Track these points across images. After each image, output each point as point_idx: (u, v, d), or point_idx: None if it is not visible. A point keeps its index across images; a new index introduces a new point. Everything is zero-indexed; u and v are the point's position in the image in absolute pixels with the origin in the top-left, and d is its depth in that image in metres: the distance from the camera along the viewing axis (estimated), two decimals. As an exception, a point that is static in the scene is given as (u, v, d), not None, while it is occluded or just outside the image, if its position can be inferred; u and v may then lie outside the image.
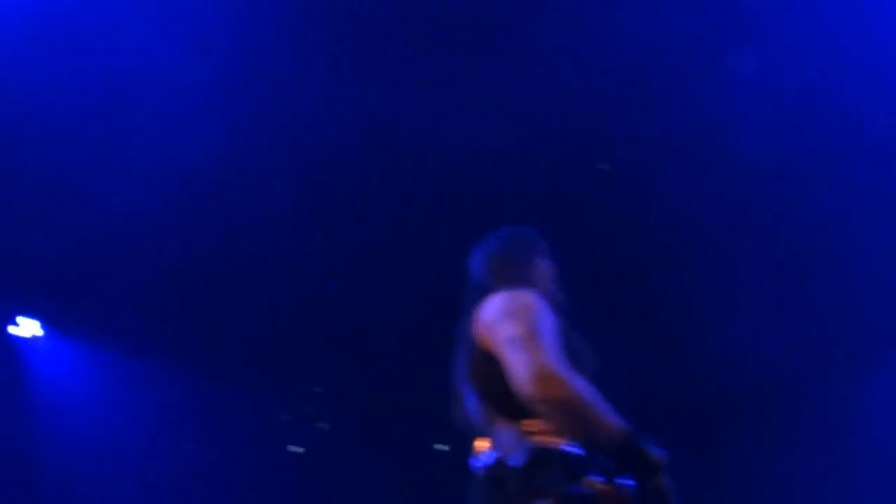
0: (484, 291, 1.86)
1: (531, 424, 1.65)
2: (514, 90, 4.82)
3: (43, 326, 6.57)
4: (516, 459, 1.65)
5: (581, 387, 1.53)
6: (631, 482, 1.54)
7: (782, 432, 6.60)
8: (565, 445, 1.63)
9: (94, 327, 6.41)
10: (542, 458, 1.63)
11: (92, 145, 4.95)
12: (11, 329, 6.56)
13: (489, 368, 1.70)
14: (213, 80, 4.61)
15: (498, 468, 1.67)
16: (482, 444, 1.77)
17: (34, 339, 6.59)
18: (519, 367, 1.56)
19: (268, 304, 6.13)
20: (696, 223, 5.38)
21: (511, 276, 1.92)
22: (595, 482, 1.57)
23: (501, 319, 1.68)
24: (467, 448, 1.81)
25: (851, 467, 6.13)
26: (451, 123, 4.81)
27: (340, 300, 6.20)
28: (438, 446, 6.94)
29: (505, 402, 1.67)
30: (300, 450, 7.09)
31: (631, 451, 1.53)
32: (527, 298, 1.72)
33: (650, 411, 3.55)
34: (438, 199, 5.46)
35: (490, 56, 4.68)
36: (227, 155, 5.05)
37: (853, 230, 5.34)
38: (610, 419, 1.53)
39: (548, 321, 1.68)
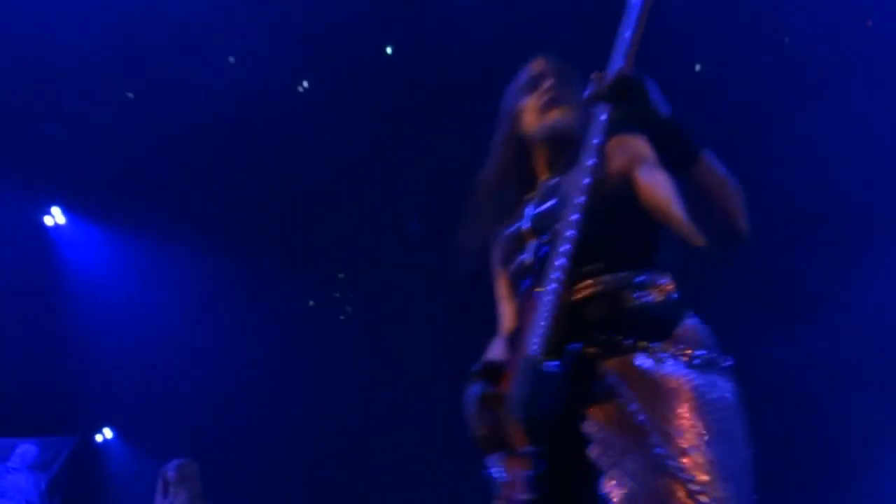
0: None
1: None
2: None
3: (68, 214, 6.73)
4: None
5: None
6: None
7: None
8: None
9: (127, 215, 6.57)
10: None
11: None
12: (46, 220, 6.76)
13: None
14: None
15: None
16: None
17: (62, 227, 6.77)
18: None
19: (299, 189, 6.27)
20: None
21: None
22: None
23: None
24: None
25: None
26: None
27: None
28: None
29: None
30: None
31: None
32: None
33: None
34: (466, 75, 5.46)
35: None
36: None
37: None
38: None
39: None
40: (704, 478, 1.50)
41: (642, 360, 1.63)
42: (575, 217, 1.62)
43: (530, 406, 1.65)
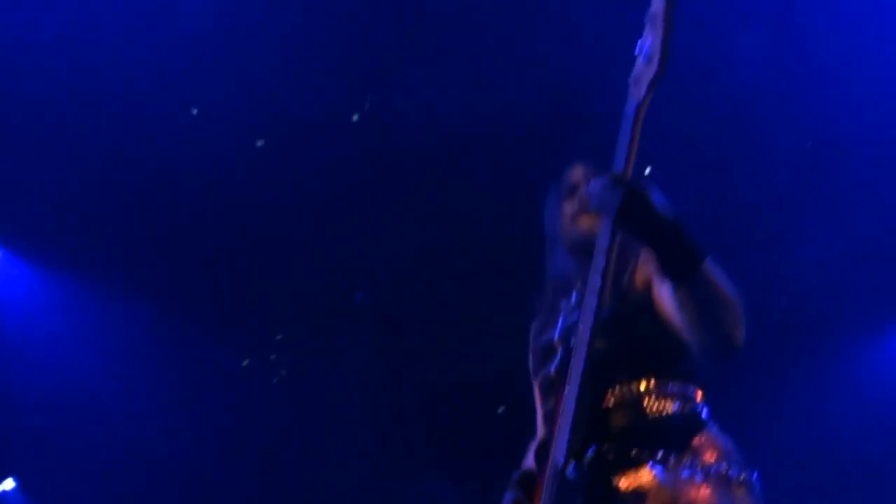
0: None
1: None
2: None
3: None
4: None
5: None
6: None
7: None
8: None
9: (60, 255, 6.30)
10: None
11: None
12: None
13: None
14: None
15: None
16: None
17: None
18: None
19: (244, 245, 6.12)
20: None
21: None
22: None
23: None
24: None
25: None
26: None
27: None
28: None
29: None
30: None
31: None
32: None
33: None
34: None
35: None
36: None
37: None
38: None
39: None
40: None
41: (659, 473, 1.64)
42: (586, 330, 1.65)
43: None
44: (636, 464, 1.66)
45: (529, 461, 2.03)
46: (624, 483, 1.64)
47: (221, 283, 6.36)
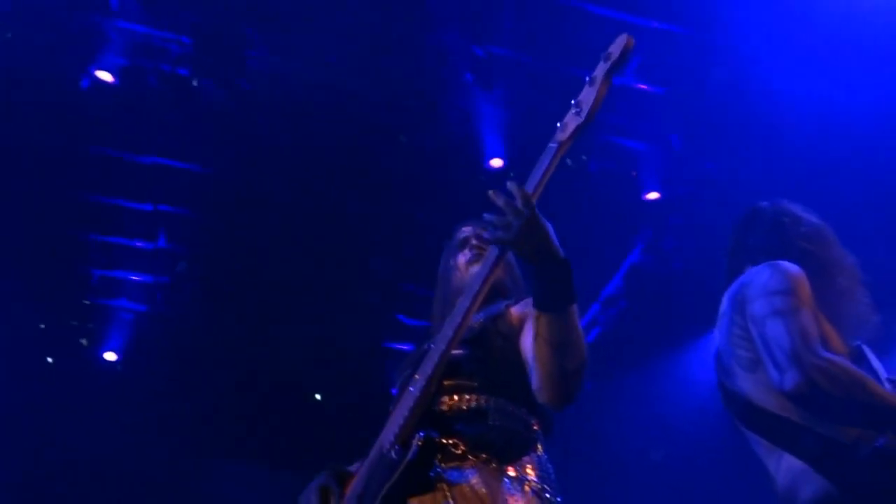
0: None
1: None
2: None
3: None
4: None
5: None
6: None
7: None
8: None
9: None
10: None
11: None
12: None
13: None
14: None
15: None
16: None
17: None
18: None
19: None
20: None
21: None
22: None
23: None
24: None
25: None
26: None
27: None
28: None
29: None
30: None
31: None
32: None
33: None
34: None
35: None
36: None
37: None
38: None
39: None
40: None
41: (481, 472, 1.69)
42: (449, 329, 1.73)
43: (364, 491, 1.72)
44: (461, 459, 1.70)
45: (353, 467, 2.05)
46: (443, 473, 1.67)
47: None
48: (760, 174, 5.12)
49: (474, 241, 2.23)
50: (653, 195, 5.64)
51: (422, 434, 1.67)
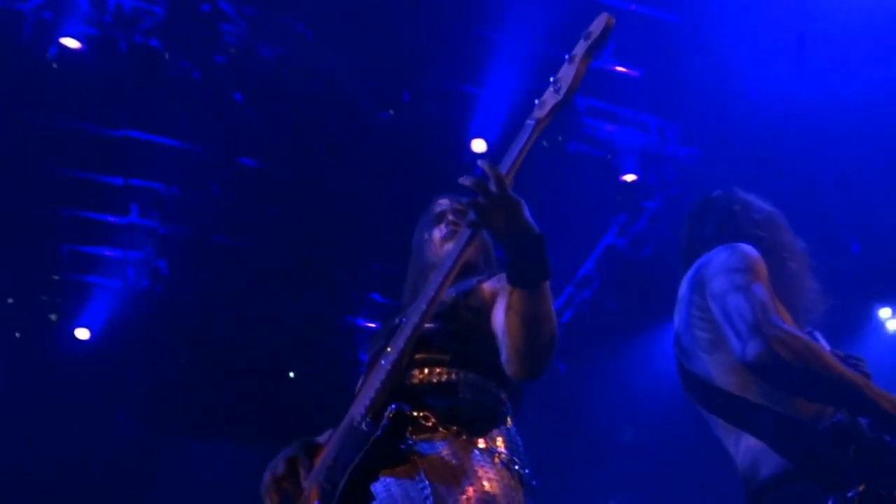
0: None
1: None
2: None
3: None
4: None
5: None
6: None
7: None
8: None
9: None
10: None
11: None
12: None
13: None
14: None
15: None
16: None
17: None
18: None
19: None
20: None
21: None
22: None
23: None
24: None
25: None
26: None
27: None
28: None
29: None
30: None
31: None
32: None
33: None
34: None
35: None
36: None
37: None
38: None
39: None
40: None
41: (452, 444, 1.70)
42: (415, 315, 1.75)
43: (334, 462, 1.72)
44: (432, 431, 1.72)
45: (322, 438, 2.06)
46: (414, 445, 1.68)
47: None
48: (737, 159, 5.16)
49: (450, 217, 2.22)
50: (629, 177, 5.66)
51: (393, 406, 1.66)
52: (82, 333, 6.42)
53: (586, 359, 6.70)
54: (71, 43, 4.69)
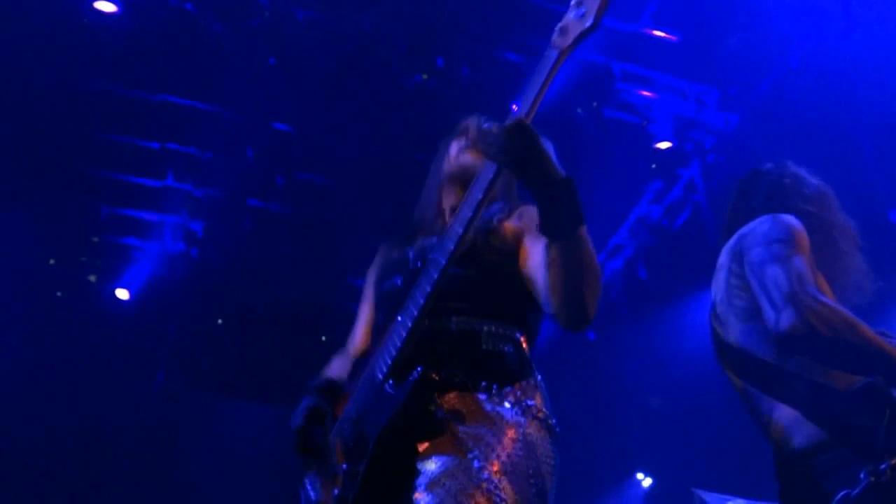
0: None
1: None
2: None
3: None
4: None
5: None
6: None
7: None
8: None
9: None
10: None
11: None
12: None
13: None
14: None
15: None
16: None
17: None
18: None
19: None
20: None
21: None
22: None
23: None
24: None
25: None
26: None
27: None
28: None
29: None
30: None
31: None
32: None
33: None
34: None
35: None
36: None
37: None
38: None
39: None
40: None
41: (483, 399, 1.66)
42: (442, 256, 1.64)
43: (359, 422, 1.68)
44: (461, 388, 1.66)
45: (333, 370, 2.01)
46: (445, 404, 1.63)
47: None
48: (776, 127, 5.06)
49: (473, 133, 2.10)
50: (664, 144, 5.58)
51: (418, 370, 1.62)
52: (122, 294, 6.57)
53: (617, 327, 6.68)
54: (106, 7, 4.72)
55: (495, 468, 1.55)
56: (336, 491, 1.67)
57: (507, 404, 1.66)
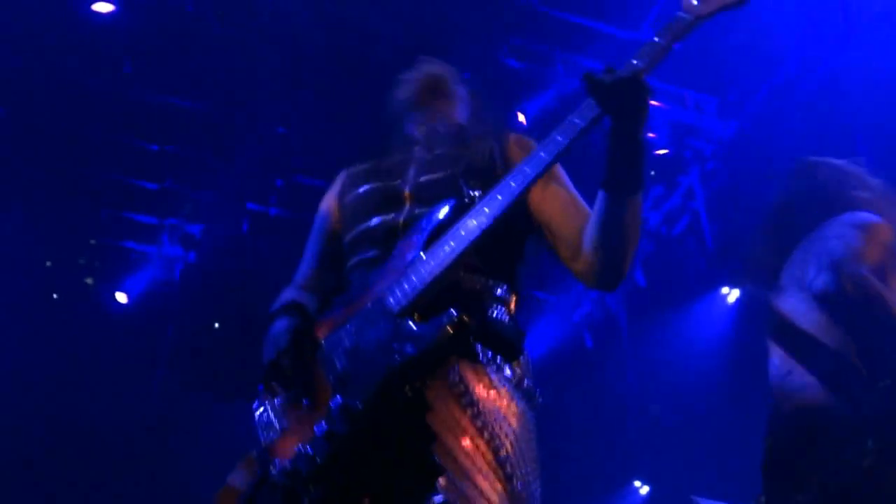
0: None
1: None
2: None
3: None
4: None
5: None
6: None
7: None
8: None
9: None
10: None
11: None
12: None
13: None
14: None
15: None
16: None
17: None
18: None
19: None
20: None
21: None
22: None
23: None
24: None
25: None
26: None
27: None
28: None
29: None
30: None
31: None
32: None
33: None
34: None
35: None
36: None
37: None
38: None
39: None
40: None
41: (490, 372, 1.58)
42: (507, 196, 1.56)
43: (366, 357, 1.52)
44: (472, 360, 1.57)
45: (289, 295, 1.95)
46: (457, 364, 1.53)
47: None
48: (776, 135, 5.06)
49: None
50: (662, 151, 5.59)
51: (454, 314, 1.47)
52: (121, 297, 6.56)
53: (614, 334, 6.67)
54: (105, 7, 4.71)
55: (508, 448, 1.52)
56: (324, 426, 1.50)
57: (505, 379, 1.61)
